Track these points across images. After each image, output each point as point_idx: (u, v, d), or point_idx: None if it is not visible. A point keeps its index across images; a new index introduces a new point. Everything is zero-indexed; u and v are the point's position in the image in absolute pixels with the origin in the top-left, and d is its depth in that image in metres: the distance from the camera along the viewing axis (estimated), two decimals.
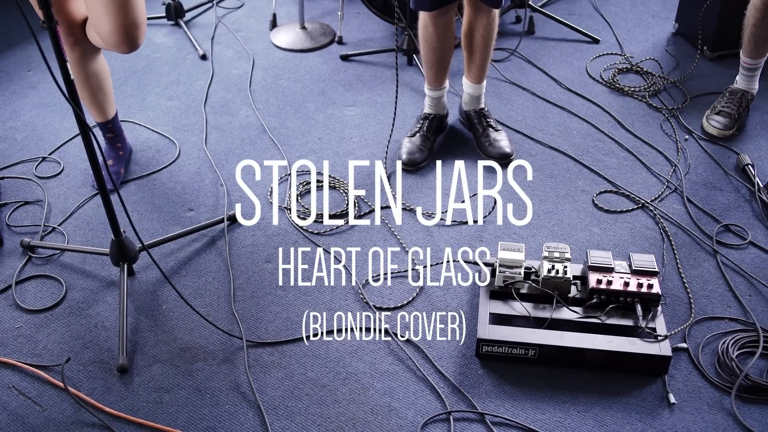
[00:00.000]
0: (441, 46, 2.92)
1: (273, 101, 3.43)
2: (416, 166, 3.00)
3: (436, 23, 2.85)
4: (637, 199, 2.84)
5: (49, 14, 1.92)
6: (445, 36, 2.90)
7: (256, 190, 2.91)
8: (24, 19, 1.81)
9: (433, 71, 3.02)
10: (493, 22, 2.88)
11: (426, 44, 2.93)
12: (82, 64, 2.69)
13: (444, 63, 3.00)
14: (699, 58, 3.63)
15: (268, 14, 4.08)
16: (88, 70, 2.72)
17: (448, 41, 2.93)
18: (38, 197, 2.88)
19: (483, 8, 2.81)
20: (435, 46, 2.92)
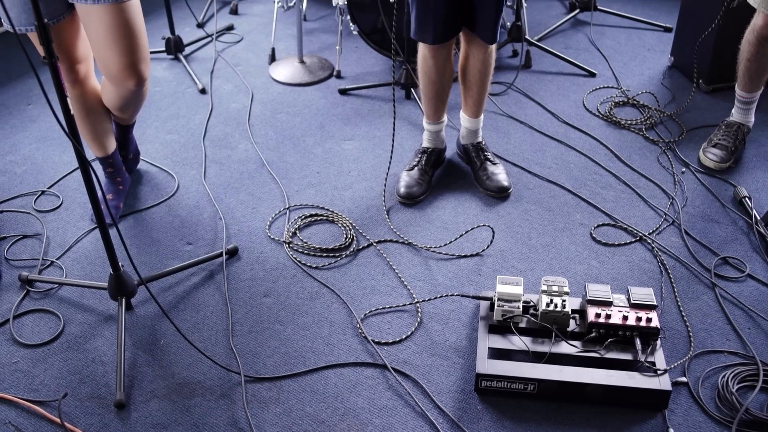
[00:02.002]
0: (440, 79, 2.94)
1: (272, 135, 3.44)
2: (414, 200, 3.01)
3: (435, 56, 2.87)
4: (635, 232, 2.85)
5: (50, 50, 1.93)
6: (444, 69, 2.92)
7: (255, 224, 2.91)
8: (24, 53, 1.82)
9: (432, 105, 3.04)
10: (489, 57, 2.91)
11: (425, 77, 2.96)
12: (83, 100, 2.71)
13: (443, 97, 3.02)
14: (695, 91, 3.66)
15: (267, 48, 4.12)
16: (89, 106, 2.74)
17: (447, 75, 2.95)
18: (37, 231, 2.88)
19: (479, 43, 2.84)
20: (434, 79, 2.94)
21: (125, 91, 2.59)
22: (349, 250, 2.78)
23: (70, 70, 2.59)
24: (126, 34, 2.41)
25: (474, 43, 2.85)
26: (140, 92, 2.63)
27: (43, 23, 1.89)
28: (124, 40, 2.41)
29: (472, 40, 2.85)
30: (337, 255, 2.76)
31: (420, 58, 2.93)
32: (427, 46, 2.85)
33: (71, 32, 2.51)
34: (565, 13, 4.51)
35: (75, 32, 2.53)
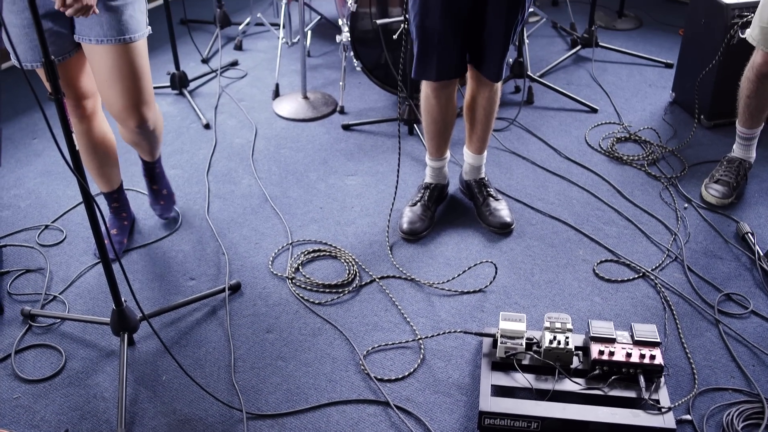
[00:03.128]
0: (443, 118, 2.95)
1: (275, 170, 3.46)
2: (417, 236, 3.01)
3: (438, 96, 2.88)
4: (638, 268, 2.85)
5: (56, 86, 1.95)
6: (447, 108, 2.93)
7: (258, 259, 2.91)
8: (30, 88, 1.83)
9: (435, 143, 3.05)
10: (495, 95, 2.93)
11: (428, 116, 2.97)
12: (90, 136, 2.73)
13: (445, 135, 3.03)
14: (696, 127, 3.68)
15: (271, 84, 4.15)
16: (96, 142, 2.76)
17: (449, 114, 2.96)
18: (40, 265, 2.89)
19: (485, 81, 2.85)
20: (437, 119, 2.95)
21: (128, 130, 2.63)
22: (352, 286, 2.78)
23: (77, 105, 2.61)
24: (129, 75, 2.45)
25: (480, 80, 2.86)
26: (145, 132, 2.65)
27: (50, 60, 1.92)
28: (126, 80, 2.45)
29: (479, 78, 2.86)
30: (340, 291, 2.76)
31: (423, 97, 2.94)
32: (430, 85, 2.86)
33: (78, 69, 2.54)
34: (567, 50, 4.55)
35: (82, 69, 2.55)
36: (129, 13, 2.39)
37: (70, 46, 2.45)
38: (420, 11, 2.65)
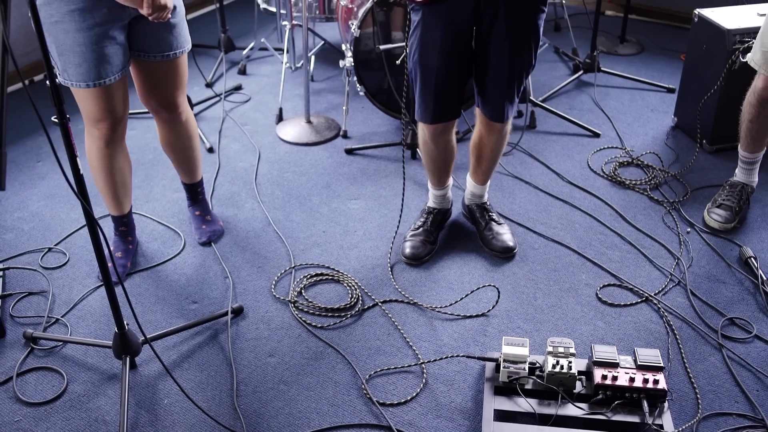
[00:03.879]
0: (442, 158, 2.96)
1: (278, 194, 3.47)
2: (420, 261, 3.01)
3: (436, 140, 2.86)
4: (641, 292, 2.85)
5: (61, 111, 1.96)
6: (445, 150, 2.93)
7: (260, 283, 2.91)
8: (35, 111, 1.84)
9: (436, 176, 3.06)
10: (503, 137, 2.91)
11: (427, 156, 2.97)
12: (112, 160, 2.78)
13: (446, 170, 3.04)
14: (698, 152, 3.68)
15: (274, 108, 4.17)
16: (116, 166, 2.81)
17: (448, 154, 2.96)
18: (43, 288, 2.89)
19: (493, 124, 2.83)
20: (436, 159, 2.96)
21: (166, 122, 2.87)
22: (354, 310, 2.78)
23: (111, 128, 2.67)
24: (174, 79, 2.74)
25: (488, 122, 2.83)
26: (178, 122, 2.88)
27: (56, 84, 1.93)
28: (171, 83, 2.74)
29: (487, 122, 2.83)
30: (343, 315, 2.76)
31: (420, 139, 2.93)
32: (427, 130, 2.82)
33: (121, 92, 2.62)
34: (569, 75, 4.57)
35: (124, 92, 2.65)
36: (183, 26, 2.65)
37: (119, 68, 2.56)
38: (419, 47, 2.62)
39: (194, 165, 3.11)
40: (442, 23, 2.52)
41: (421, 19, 2.56)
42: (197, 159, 3.10)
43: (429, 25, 2.55)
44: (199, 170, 3.16)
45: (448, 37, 2.55)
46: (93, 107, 2.59)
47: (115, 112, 2.64)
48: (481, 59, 2.64)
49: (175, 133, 2.93)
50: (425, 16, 2.54)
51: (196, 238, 3.15)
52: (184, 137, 2.97)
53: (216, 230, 3.16)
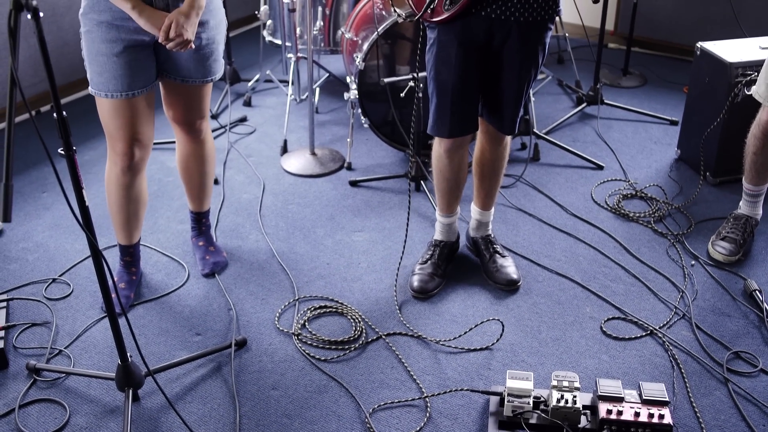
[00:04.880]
0: (455, 177, 2.97)
1: (282, 226, 3.47)
2: (427, 294, 3.00)
3: (451, 156, 2.88)
4: (646, 325, 2.84)
5: (68, 143, 1.98)
6: (459, 168, 2.94)
7: (264, 315, 2.91)
8: (41, 142, 1.85)
9: (445, 200, 3.06)
10: (505, 150, 2.95)
11: (440, 175, 2.97)
12: (128, 189, 2.80)
13: (456, 192, 3.04)
14: (702, 184, 3.69)
15: (279, 140, 4.19)
16: (131, 196, 2.83)
17: (461, 173, 2.97)
18: (46, 319, 2.89)
19: (497, 135, 2.87)
20: (448, 177, 2.96)
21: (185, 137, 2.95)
22: (358, 343, 2.77)
23: (128, 153, 2.69)
24: (200, 101, 2.83)
25: (492, 135, 2.88)
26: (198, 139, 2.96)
27: (62, 117, 1.95)
28: (197, 104, 2.83)
29: (490, 132, 2.88)
30: (346, 348, 2.75)
31: (434, 157, 2.95)
32: (442, 144, 2.86)
33: (145, 108, 2.66)
34: (573, 107, 4.59)
35: (148, 109, 2.68)
36: (214, 57, 2.72)
37: (146, 82, 2.61)
38: (436, 65, 2.67)
39: (205, 192, 3.14)
40: (457, 41, 2.58)
41: (437, 36, 2.63)
42: (209, 186, 3.14)
43: (444, 43, 2.61)
44: (209, 200, 3.18)
45: (463, 54, 2.60)
46: (112, 122, 2.62)
47: (136, 133, 2.66)
48: (492, 74, 2.69)
49: (192, 150, 2.99)
50: (440, 34, 2.61)
51: (200, 269, 3.15)
52: (201, 158, 3.02)
53: (219, 261, 3.17)
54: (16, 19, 1.71)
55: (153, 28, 2.44)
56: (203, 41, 2.63)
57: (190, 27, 2.47)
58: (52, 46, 4.31)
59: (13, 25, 1.70)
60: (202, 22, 2.58)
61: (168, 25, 2.43)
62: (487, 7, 2.50)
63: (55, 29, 4.44)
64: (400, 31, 3.76)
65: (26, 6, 1.73)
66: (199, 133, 2.94)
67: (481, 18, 2.52)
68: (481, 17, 2.52)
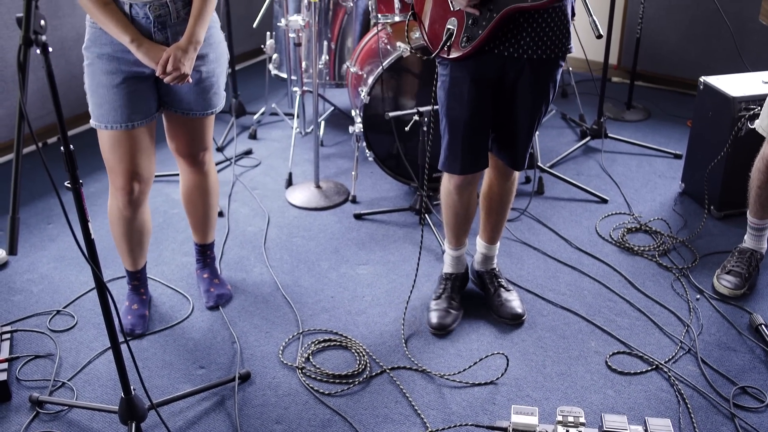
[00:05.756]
0: (465, 212, 2.96)
1: (287, 259, 3.47)
2: (447, 330, 2.97)
3: (461, 192, 2.87)
4: (651, 360, 2.82)
5: (74, 176, 1.99)
6: (468, 203, 2.93)
7: (268, 348, 2.90)
8: (47, 174, 1.86)
9: (455, 233, 3.05)
10: (513, 184, 2.96)
11: (449, 210, 2.97)
12: (130, 221, 2.82)
13: (466, 226, 3.04)
14: (706, 218, 3.69)
15: (284, 173, 4.20)
16: (134, 227, 2.85)
17: (471, 207, 2.96)
18: (50, 351, 2.89)
19: (506, 171, 2.88)
20: (458, 212, 2.95)
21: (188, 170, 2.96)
22: (362, 377, 2.76)
23: (128, 189, 2.70)
24: (202, 133, 2.84)
25: (501, 170, 2.88)
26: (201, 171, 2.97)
27: (69, 150, 1.96)
28: (199, 136, 2.84)
29: (499, 167, 2.88)
30: (350, 382, 2.74)
31: (444, 192, 2.94)
32: (452, 181, 2.84)
33: (145, 140, 2.67)
34: (577, 141, 4.61)
35: (148, 142, 2.70)
36: (214, 90, 2.74)
37: (146, 114, 2.64)
38: (448, 101, 2.67)
39: (209, 224, 3.15)
40: (470, 77, 2.58)
41: (449, 73, 2.63)
42: (213, 218, 3.15)
43: (457, 80, 2.61)
44: (213, 232, 3.19)
45: (476, 91, 2.61)
46: (112, 154, 2.64)
47: (136, 166, 2.67)
48: (504, 110, 2.69)
49: (195, 181, 3.00)
50: (453, 71, 2.62)
51: (204, 301, 3.15)
52: (204, 190, 3.03)
53: (224, 294, 3.17)
54: (25, 55, 1.73)
55: (151, 61, 2.48)
56: (203, 74, 2.66)
57: (188, 61, 2.50)
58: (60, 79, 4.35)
59: (23, 61, 1.72)
60: (202, 55, 2.61)
61: (165, 59, 2.46)
62: (500, 45, 2.51)
63: (63, 62, 4.49)
64: (405, 66, 3.78)
65: (36, 42, 1.75)
66: (203, 165, 2.95)
67: (495, 56, 2.54)
68: (495, 55, 2.53)
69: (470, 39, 2.49)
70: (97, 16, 2.46)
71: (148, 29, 2.52)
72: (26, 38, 1.73)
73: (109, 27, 2.46)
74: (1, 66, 4.23)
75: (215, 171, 3.08)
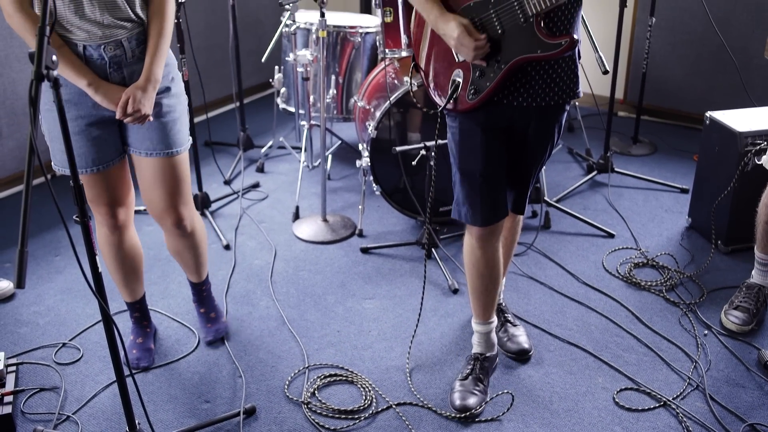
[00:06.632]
0: (490, 272, 2.78)
1: (293, 293, 3.47)
2: (470, 412, 2.77)
3: (484, 245, 2.71)
4: (659, 396, 2.80)
5: (83, 210, 2.00)
6: (493, 260, 2.76)
7: (274, 383, 2.89)
8: (56, 207, 1.87)
9: (481, 302, 2.85)
10: (518, 224, 2.94)
11: (473, 270, 2.79)
12: (120, 248, 2.82)
13: (492, 293, 2.84)
14: (714, 252, 3.68)
15: (291, 206, 4.22)
16: (124, 254, 2.84)
17: (496, 268, 2.79)
18: (55, 384, 2.88)
19: (513, 216, 2.85)
20: (483, 273, 2.77)
21: (167, 230, 2.83)
22: (368, 413, 2.74)
23: (110, 214, 2.70)
24: (171, 182, 2.69)
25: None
26: (184, 233, 2.84)
27: (78, 184, 1.98)
28: (168, 185, 2.69)
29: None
30: (356, 417, 2.72)
31: (467, 250, 2.78)
32: (475, 233, 2.71)
33: (118, 177, 2.67)
34: (583, 175, 4.61)
35: (122, 177, 2.69)
36: (177, 128, 2.65)
37: (114, 155, 2.61)
38: (461, 153, 2.57)
39: (200, 267, 3.09)
40: (481, 128, 2.49)
41: (459, 125, 2.54)
42: (203, 262, 3.09)
43: (467, 131, 2.53)
44: (205, 269, 3.14)
45: (488, 140, 2.51)
46: (89, 191, 2.63)
47: (115, 197, 2.67)
48: (512, 156, 2.61)
49: (182, 243, 2.91)
50: (462, 123, 2.53)
51: (202, 337, 3.13)
52: (192, 247, 2.96)
53: (220, 328, 3.14)
54: (37, 90, 1.75)
55: (110, 104, 2.44)
56: (163, 107, 2.59)
57: (147, 101, 2.45)
58: None
59: (34, 95, 1.74)
60: (161, 90, 2.56)
61: (125, 101, 2.42)
62: (509, 96, 2.44)
63: None
64: (412, 100, 3.81)
65: (47, 77, 1.77)
66: (186, 227, 2.83)
67: (503, 106, 2.46)
68: (503, 105, 2.45)
69: (478, 91, 2.42)
70: None
71: (104, 70, 2.46)
72: (38, 73, 1.75)
73: (65, 71, 2.40)
74: (13, 98, 4.27)
75: (202, 225, 2.98)
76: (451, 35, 2.33)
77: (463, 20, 2.31)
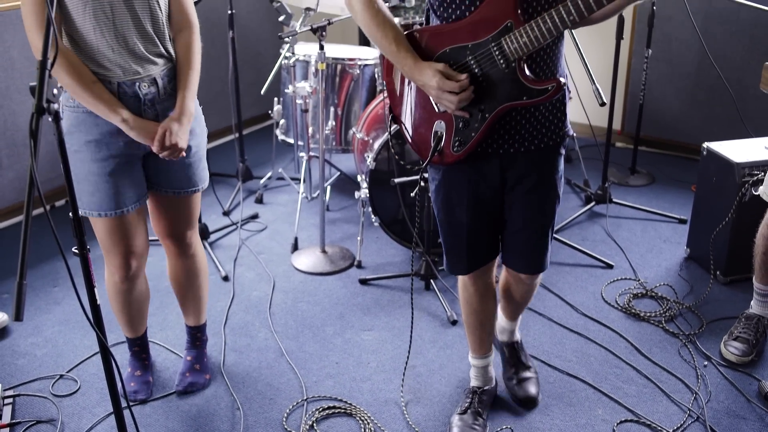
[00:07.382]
0: (483, 308, 2.73)
1: (292, 324, 3.46)
2: None
3: (476, 283, 2.65)
4: (659, 429, 2.79)
5: (82, 242, 2.00)
6: (486, 297, 2.70)
7: (272, 415, 2.88)
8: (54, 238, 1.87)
9: (476, 336, 2.81)
10: (534, 285, 2.77)
11: (467, 306, 2.74)
12: (128, 294, 2.82)
13: (487, 327, 2.80)
14: (713, 283, 3.68)
15: (290, 238, 4.22)
16: (133, 298, 2.84)
17: (490, 302, 2.74)
18: (52, 416, 2.86)
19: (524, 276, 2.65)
20: (477, 308, 2.72)
21: (173, 253, 2.88)
22: None
23: (125, 266, 2.70)
24: (186, 213, 2.78)
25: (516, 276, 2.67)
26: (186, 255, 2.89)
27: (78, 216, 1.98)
28: (184, 214, 2.78)
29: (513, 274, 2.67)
30: None
31: (459, 285, 2.73)
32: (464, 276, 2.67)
33: (138, 224, 2.66)
34: (581, 206, 4.62)
35: (141, 225, 2.69)
36: (202, 165, 2.70)
37: (140, 196, 2.61)
38: (444, 205, 2.48)
39: (199, 305, 3.07)
40: (466, 180, 2.39)
41: (442, 177, 2.43)
42: (203, 300, 3.07)
43: (452, 183, 2.42)
44: (204, 314, 3.11)
45: (474, 193, 2.41)
46: (107, 239, 2.62)
47: (131, 246, 2.66)
48: (509, 214, 2.47)
49: (182, 265, 2.93)
50: (447, 174, 2.41)
51: (175, 382, 3.04)
52: (192, 273, 2.96)
53: (198, 383, 3.02)
54: (38, 123, 1.76)
55: (146, 138, 2.43)
56: (192, 149, 2.61)
57: (183, 134, 2.47)
58: None
59: (35, 128, 1.75)
60: (190, 130, 2.55)
61: (162, 134, 2.42)
62: (494, 143, 2.31)
63: None
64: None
65: (48, 110, 1.78)
66: (189, 248, 2.87)
67: (489, 155, 2.33)
68: (489, 154, 2.33)
69: (463, 143, 2.28)
70: (84, 97, 2.36)
71: (138, 107, 2.46)
72: (39, 107, 1.76)
73: (98, 107, 2.38)
74: (13, 130, 4.29)
75: (203, 252, 3.00)
76: (430, 84, 2.17)
77: (438, 65, 2.17)
